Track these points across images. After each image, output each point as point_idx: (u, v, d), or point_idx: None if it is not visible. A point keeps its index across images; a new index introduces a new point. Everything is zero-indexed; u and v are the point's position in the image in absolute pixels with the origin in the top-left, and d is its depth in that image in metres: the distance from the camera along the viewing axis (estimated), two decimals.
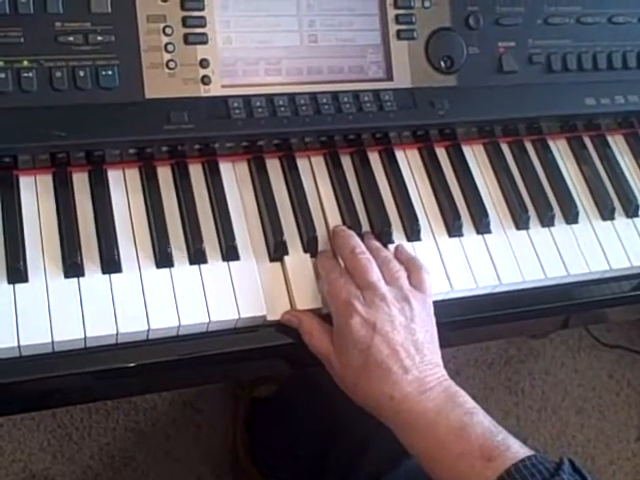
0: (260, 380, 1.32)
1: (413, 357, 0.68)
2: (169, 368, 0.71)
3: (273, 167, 0.79)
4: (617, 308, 0.93)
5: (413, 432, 0.67)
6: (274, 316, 0.72)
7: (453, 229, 0.81)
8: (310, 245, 0.76)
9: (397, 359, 0.68)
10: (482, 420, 0.66)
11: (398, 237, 0.79)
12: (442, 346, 0.73)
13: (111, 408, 1.35)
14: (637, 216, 0.89)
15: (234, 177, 0.78)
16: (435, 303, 0.74)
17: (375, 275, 0.72)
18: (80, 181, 0.73)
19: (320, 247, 0.77)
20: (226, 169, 0.78)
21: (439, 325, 0.73)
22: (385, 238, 0.78)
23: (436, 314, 0.74)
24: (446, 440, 0.65)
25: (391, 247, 0.78)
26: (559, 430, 1.61)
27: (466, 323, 0.81)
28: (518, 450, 0.64)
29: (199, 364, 0.72)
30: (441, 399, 0.67)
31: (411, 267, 0.75)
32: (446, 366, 0.71)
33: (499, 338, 1.43)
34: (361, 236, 0.77)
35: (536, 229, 0.84)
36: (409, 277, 0.73)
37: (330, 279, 0.72)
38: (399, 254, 0.76)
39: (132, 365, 0.69)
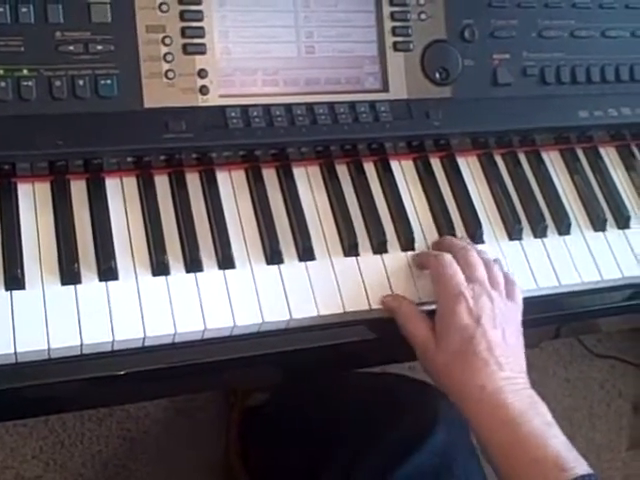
0: (254, 388, 1.32)
1: (507, 357, 0.71)
2: (165, 376, 0.72)
3: (270, 177, 0.80)
4: (609, 318, 0.94)
5: (494, 425, 0.69)
6: (270, 325, 0.73)
7: None
8: (305, 254, 0.76)
9: (493, 355, 0.70)
10: (559, 434, 0.69)
11: (393, 247, 0.80)
12: None
13: (104, 415, 1.35)
14: (628, 227, 0.90)
15: (231, 186, 0.79)
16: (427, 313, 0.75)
17: (484, 274, 0.75)
18: (78, 189, 0.74)
19: (316, 255, 0.77)
20: (223, 178, 0.78)
21: None
22: (379, 248, 0.79)
23: None
24: (525, 441, 0.67)
25: (387, 256, 0.79)
26: None
27: None
28: (589, 470, 0.66)
29: (195, 372, 0.72)
30: (526, 403, 0.69)
31: (506, 279, 0.77)
32: None
33: None
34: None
35: (529, 240, 0.85)
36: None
37: (443, 265, 0.74)
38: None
39: (127, 372, 0.69)
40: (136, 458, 1.35)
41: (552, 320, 0.90)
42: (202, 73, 0.76)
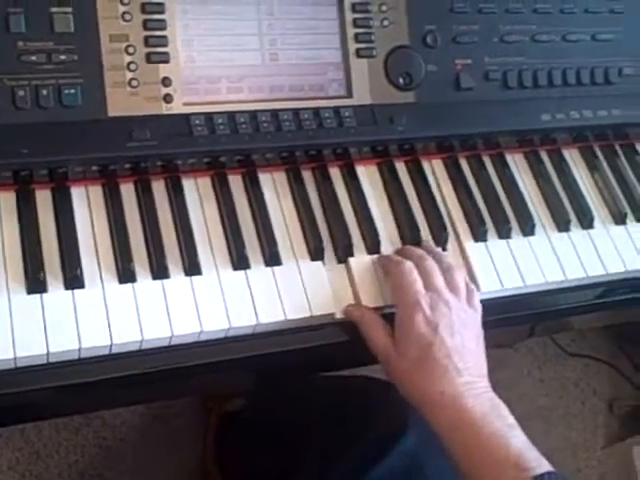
0: (229, 394, 1.33)
1: (466, 362, 0.73)
2: (133, 383, 0.72)
3: (235, 183, 0.81)
4: (580, 316, 0.95)
5: (456, 429, 0.70)
6: (237, 330, 0.74)
7: (412, 242, 0.83)
8: (272, 259, 0.77)
9: (452, 361, 0.72)
10: (521, 435, 0.70)
11: (359, 250, 0.81)
12: None
13: (79, 425, 1.35)
14: (592, 227, 0.91)
15: (197, 193, 0.79)
16: (390, 316, 0.76)
17: (442, 281, 0.76)
18: (43, 198, 0.74)
19: (283, 260, 0.78)
20: (189, 185, 0.79)
21: None
22: (345, 251, 0.80)
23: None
24: (487, 443, 0.69)
25: (353, 259, 0.80)
26: None
27: None
28: (549, 468, 0.67)
29: (163, 378, 0.73)
30: (487, 406, 0.71)
31: (466, 285, 0.79)
32: None
33: None
34: None
35: (494, 241, 0.86)
36: None
37: (402, 272, 0.75)
38: None
39: (95, 380, 0.70)
40: (113, 467, 1.35)
41: (523, 320, 0.92)
42: (166, 81, 0.76)
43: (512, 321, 0.89)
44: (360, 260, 0.80)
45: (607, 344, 1.75)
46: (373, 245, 0.81)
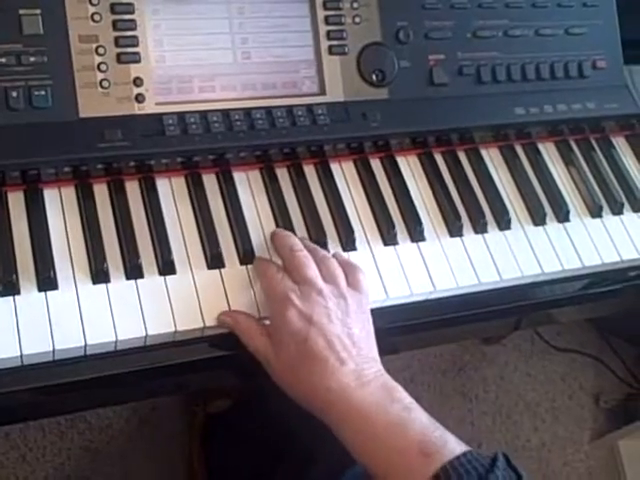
0: (214, 395, 1.33)
1: (349, 350, 0.68)
2: (109, 383, 0.72)
3: (210, 182, 0.81)
4: (564, 309, 0.95)
5: (350, 426, 0.66)
6: (213, 330, 0.74)
7: (388, 238, 0.83)
8: (246, 257, 0.77)
9: (333, 350, 0.68)
10: (420, 416, 0.66)
11: (334, 247, 0.81)
12: (384, 352, 0.74)
13: (65, 427, 1.34)
14: (568, 221, 0.91)
15: (171, 193, 0.79)
16: (372, 311, 0.75)
17: (312, 271, 0.73)
18: (15, 200, 0.74)
19: None
20: (163, 185, 0.79)
21: (378, 332, 0.74)
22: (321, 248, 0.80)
23: (374, 321, 0.75)
24: (384, 435, 0.65)
25: None
26: (513, 434, 1.64)
27: (404, 329, 0.83)
28: (455, 447, 0.64)
29: (138, 378, 0.73)
30: (379, 393, 0.67)
31: (347, 269, 0.76)
32: (400, 374, 0.71)
33: (443, 343, 1.45)
34: None
35: (469, 236, 0.86)
36: (346, 278, 0.74)
37: (267, 275, 0.73)
38: (336, 258, 0.78)
39: (71, 381, 0.69)
40: (99, 470, 1.35)
41: (505, 313, 0.92)
42: (137, 81, 0.76)
43: (492, 315, 0.89)
44: None
45: (593, 338, 1.76)
46: (348, 242, 0.81)
